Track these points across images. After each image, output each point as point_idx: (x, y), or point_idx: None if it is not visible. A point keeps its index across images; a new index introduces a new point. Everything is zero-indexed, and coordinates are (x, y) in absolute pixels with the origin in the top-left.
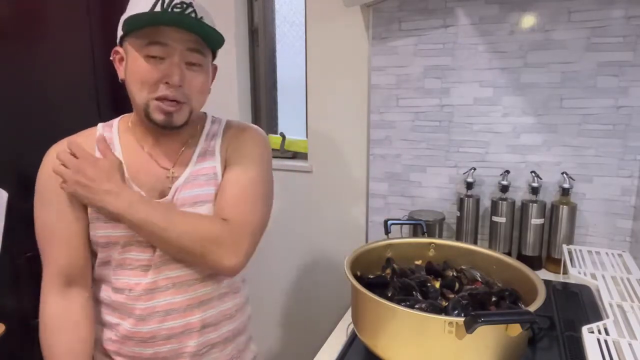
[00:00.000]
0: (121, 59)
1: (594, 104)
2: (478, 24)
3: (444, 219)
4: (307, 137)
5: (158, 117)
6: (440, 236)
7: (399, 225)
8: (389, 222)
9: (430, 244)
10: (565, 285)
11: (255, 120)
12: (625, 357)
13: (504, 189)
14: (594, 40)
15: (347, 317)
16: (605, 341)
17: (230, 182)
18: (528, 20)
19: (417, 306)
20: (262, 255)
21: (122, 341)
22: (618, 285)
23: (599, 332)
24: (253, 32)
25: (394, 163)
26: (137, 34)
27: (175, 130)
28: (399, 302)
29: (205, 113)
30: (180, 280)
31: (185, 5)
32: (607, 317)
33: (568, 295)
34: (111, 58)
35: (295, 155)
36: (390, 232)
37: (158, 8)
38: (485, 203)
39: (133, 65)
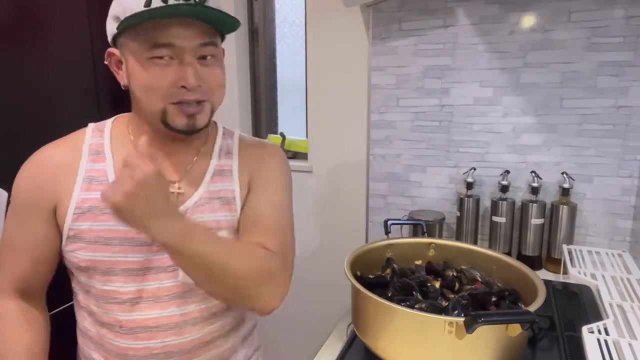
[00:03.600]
0: (119, 62)
1: (594, 104)
2: (478, 24)
3: (444, 219)
4: (307, 137)
5: (180, 121)
6: (440, 236)
7: (399, 225)
8: (389, 222)
9: (430, 244)
10: (565, 285)
11: (255, 120)
12: (625, 357)
13: (504, 189)
14: (594, 40)
15: (347, 317)
16: (605, 341)
17: (264, 211)
18: (528, 20)
19: (417, 306)
20: None
21: None
22: (618, 285)
23: (599, 332)
24: (253, 32)
25: (394, 163)
26: (135, 34)
27: (194, 134)
28: (399, 302)
29: (215, 122)
30: (184, 319)
31: None
32: (607, 317)
33: (568, 295)
34: (106, 62)
35: (295, 155)
36: (390, 232)
37: (157, 3)
38: (485, 203)
39: (137, 73)
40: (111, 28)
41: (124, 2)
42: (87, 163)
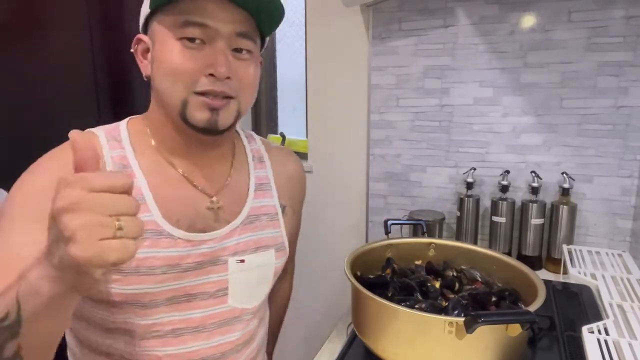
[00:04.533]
0: (146, 51)
1: (594, 104)
2: (478, 24)
3: (444, 219)
4: (307, 137)
5: (200, 115)
6: (440, 236)
7: (399, 225)
8: (389, 222)
9: (430, 244)
10: (565, 285)
11: (255, 119)
12: (625, 357)
13: (504, 189)
14: (594, 40)
15: (347, 317)
16: (605, 341)
17: (295, 238)
18: (528, 20)
19: (417, 306)
20: None
21: None
22: (618, 285)
23: (599, 332)
24: None
25: (394, 163)
26: (168, 10)
27: (217, 136)
28: (399, 302)
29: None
30: (230, 347)
31: None
32: (607, 317)
33: (568, 295)
34: (132, 50)
35: None
36: (390, 232)
37: None
38: (485, 203)
39: (163, 52)
40: (145, 9)
41: None
42: None
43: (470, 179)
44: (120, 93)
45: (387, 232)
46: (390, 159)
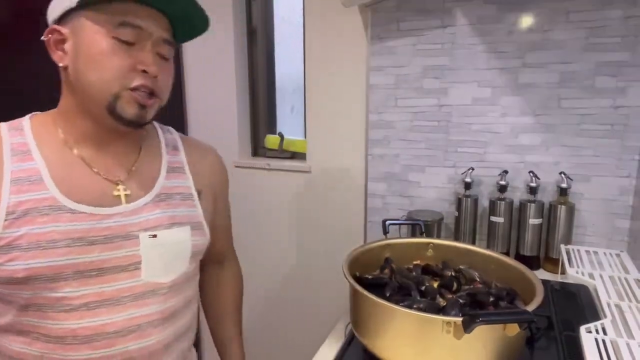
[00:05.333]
0: (60, 41)
1: (592, 104)
2: (476, 24)
3: (442, 219)
4: (305, 137)
5: (130, 110)
6: (438, 236)
7: (398, 226)
8: (387, 222)
9: (428, 244)
10: (563, 285)
11: (254, 120)
12: (623, 357)
13: (502, 189)
14: (592, 41)
15: (346, 318)
16: (603, 341)
17: (228, 222)
18: (526, 21)
19: (415, 306)
20: (260, 255)
21: None
22: (616, 285)
23: (597, 331)
24: (251, 33)
25: (392, 163)
26: (102, 9)
27: (138, 128)
28: (397, 302)
29: None
30: (146, 321)
31: None
32: (605, 316)
33: (566, 295)
34: (44, 38)
35: (293, 156)
36: (388, 232)
37: None
38: (484, 203)
39: (96, 48)
40: (65, 3)
41: None
42: (13, 164)
43: (468, 179)
44: None
45: (385, 232)
46: (388, 159)
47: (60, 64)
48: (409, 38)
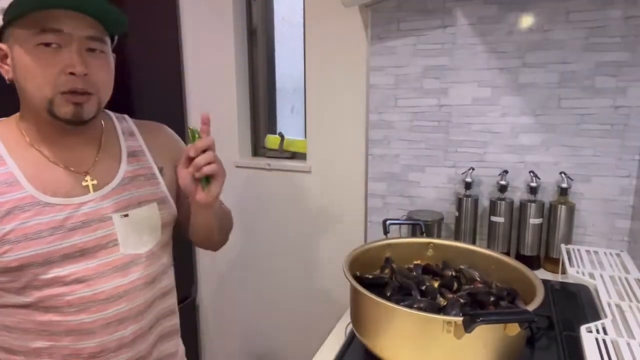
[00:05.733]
0: (4, 56)
1: (592, 104)
2: (476, 24)
3: (442, 219)
4: (305, 137)
5: (66, 110)
6: (438, 236)
7: (398, 225)
8: (388, 222)
9: (428, 244)
10: (564, 284)
11: (254, 120)
12: (624, 357)
13: (503, 188)
14: (592, 41)
15: (346, 317)
16: (604, 340)
17: None
18: (526, 21)
19: (415, 306)
20: (260, 255)
21: None
22: (616, 284)
23: (597, 331)
24: (252, 33)
25: (392, 163)
26: (23, 24)
27: (82, 126)
28: (397, 302)
29: (103, 109)
30: (132, 286)
31: None
32: (606, 316)
33: (566, 295)
34: None
35: (294, 156)
36: (388, 232)
37: None
38: (484, 203)
39: (24, 59)
40: None
41: None
42: None
43: (468, 179)
44: (118, 92)
45: (385, 232)
46: (388, 159)
47: (6, 77)
48: (409, 38)
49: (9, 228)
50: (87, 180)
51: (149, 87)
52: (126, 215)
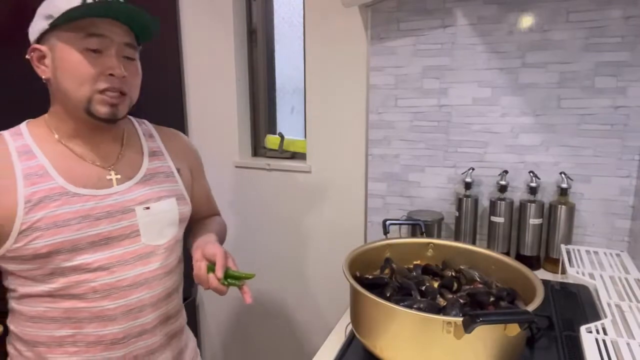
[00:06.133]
0: (42, 57)
1: (592, 104)
2: (476, 24)
3: (442, 219)
4: (305, 137)
5: (103, 109)
6: (438, 236)
7: (398, 226)
8: (388, 222)
9: (428, 244)
10: (564, 285)
11: (254, 120)
12: (624, 357)
13: (503, 189)
14: (592, 41)
15: (346, 318)
16: (604, 341)
17: (208, 192)
18: (526, 21)
19: (415, 306)
20: (260, 255)
21: (86, 349)
22: (616, 285)
23: (597, 331)
24: (252, 33)
25: (392, 163)
26: (68, 28)
27: (112, 124)
28: (397, 302)
29: None
30: (152, 275)
31: None
32: (605, 316)
33: (566, 295)
34: (28, 57)
35: (294, 156)
36: (388, 232)
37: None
38: (484, 203)
39: (68, 60)
40: (40, 26)
41: (56, 3)
42: (21, 163)
43: (468, 179)
44: None
45: (385, 232)
46: (388, 159)
47: (43, 77)
48: (409, 38)
49: (39, 216)
50: (111, 175)
51: (149, 87)
52: (148, 208)
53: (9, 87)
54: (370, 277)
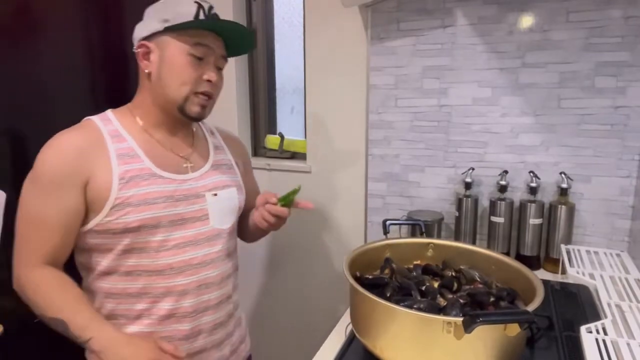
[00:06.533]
0: (147, 53)
1: (592, 104)
2: (476, 24)
3: (442, 219)
4: (305, 137)
5: (195, 109)
6: (438, 236)
7: (398, 226)
8: (388, 222)
9: (428, 244)
10: (564, 285)
11: (254, 120)
12: (624, 357)
13: (503, 189)
14: (592, 41)
15: (346, 318)
16: (604, 341)
17: (257, 188)
18: (526, 21)
19: (415, 306)
20: (260, 255)
21: (158, 322)
22: (616, 285)
23: (597, 332)
24: (251, 33)
25: (392, 163)
26: (179, 34)
27: (196, 122)
28: (397, 302)
29: None
30: (217, 256)
31: (217, 16)
32: (606, 317)
33: (566, 295)
34: (135, 50)
35: (294, 156)
36: (388, 232)
37: (202, 16)
38: (484, 203)
39: (175, 62)
40: (153, 27)
41: (177, 10)
42: (113, 144)
43: (468, 179)
44: (117, 93)
45: (385, 232)
46: (388, 159)
47: (146, 70)
48: (409, 38)
49: (131, 193)
50: (186, 162)
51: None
52: (215, 195)
53: (9, 87)
54: (370, 277)
